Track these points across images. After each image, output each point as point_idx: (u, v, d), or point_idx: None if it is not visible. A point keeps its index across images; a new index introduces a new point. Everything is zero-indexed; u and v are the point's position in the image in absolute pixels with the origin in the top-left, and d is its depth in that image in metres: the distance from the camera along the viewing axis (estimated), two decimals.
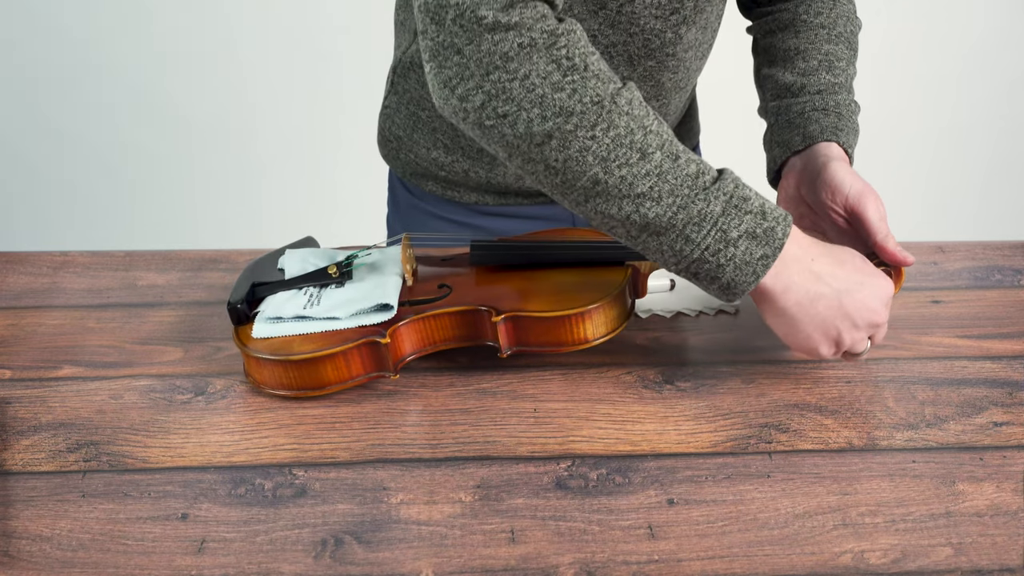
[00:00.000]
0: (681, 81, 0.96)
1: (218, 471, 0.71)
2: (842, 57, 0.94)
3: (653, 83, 0.93)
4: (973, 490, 0.69)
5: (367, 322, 0.78)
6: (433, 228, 1.11)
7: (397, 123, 1.05)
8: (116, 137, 2.35)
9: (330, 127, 2.33)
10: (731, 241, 0.69)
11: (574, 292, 0.79)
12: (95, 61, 2.26)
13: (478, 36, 0.65)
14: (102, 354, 0.85)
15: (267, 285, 0.84)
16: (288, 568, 0.63)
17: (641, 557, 0.63)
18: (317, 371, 0.77)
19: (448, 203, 1.07)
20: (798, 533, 0.65)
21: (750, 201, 0.70)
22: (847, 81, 0.93)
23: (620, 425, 0.76)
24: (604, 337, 0.79)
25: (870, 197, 0.81)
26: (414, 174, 1.08)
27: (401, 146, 1.06)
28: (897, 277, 0.82)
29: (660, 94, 0.95)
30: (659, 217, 0.68)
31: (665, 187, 0.68)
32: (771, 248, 0.70)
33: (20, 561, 0.63)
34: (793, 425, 0.76)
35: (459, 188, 1.05)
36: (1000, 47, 2.37)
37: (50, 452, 0.73)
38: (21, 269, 0.99)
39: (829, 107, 0.90)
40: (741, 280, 0.70)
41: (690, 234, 0.68)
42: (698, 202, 0.68)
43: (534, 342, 0.79)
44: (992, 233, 2.43)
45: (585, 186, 0.68)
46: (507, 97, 0.67)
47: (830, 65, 0.92)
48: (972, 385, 0.81)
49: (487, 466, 0.72)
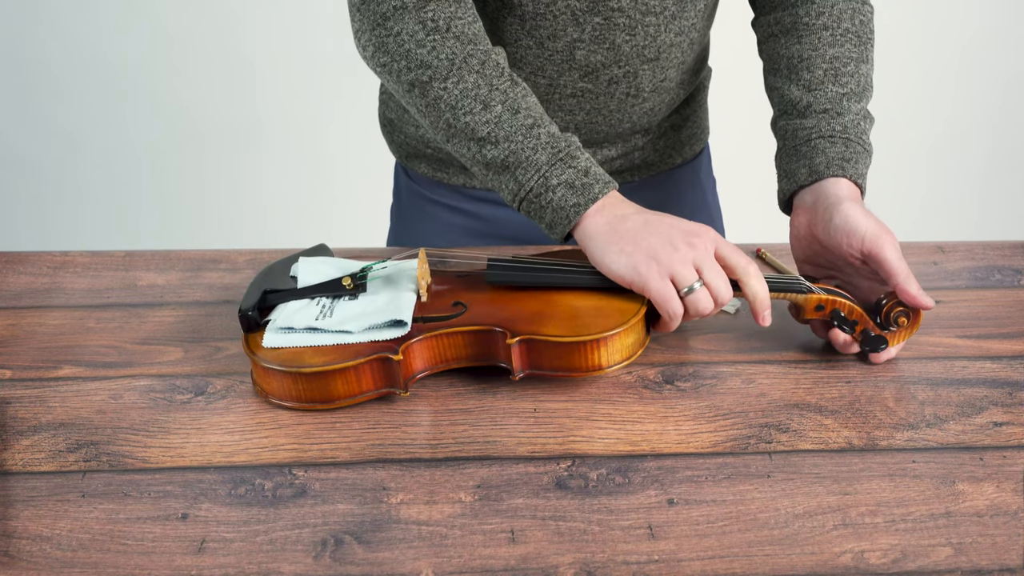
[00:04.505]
0: (647, 49, 0.95)
1: (218, 471, 0.71)
2: (849, 59, 0.91)
3: (608, 45, 0.93)
4: (973, 490, 0.69)
5: (380, 337, 0.77)
6: (429, 214, 1.13)
7: (391, 106, 1.11)
8: (116, 137, 2.36)
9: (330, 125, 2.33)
10: (551, 187, 0.80)
11: (590, 318, 0.78)
12: (95, 61, 2.26)
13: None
14: (102, 354, 0.85)
15: (279, 293, 0.82)
16: (288, 568, 0.63)
17: (641, 557, 0.63)
18: (327, 385, 0.75)
19: (439, 185, 1.10)
20: (798, 533, 0.65)
21: (578, 160, 0.81)
22: (857, 87, 0.91)
23: (620, 425, 0.76)
24: (618, 365, 0.78)
25: (886, 239, 0.80)
26: (408, 155, 1.11)
27: (395, 128, 1.11)
28: (915, 319, 0.81)
29: (620, 59, 0.95)
30: (495, 159, 0.81)
31: (501, 134, 0.80)
32: (584, 199, 0.79)
33: (20, 561, 0.63)
34: (793, 425, 0.76)
35: (446, 168, 1.08)
36: (1000, 46, 2.37)
37: (50, 452, 0.73)
38: (21, 269, 0.99)
39: (836, 132, 0.88)
40: (558, 222, 0.80)
41: (519, 176, 0.81)
42: (527, 150, 0.80)
43: (547, 366, 0.78)
44: (992, 233, 2.43)
45: (443, 128, 0.83)
46: (385, 50, 0.83)
47: (836, 74, 0.91)
48: (972, 385, 0.81)
49: (487, 466, 0.72)
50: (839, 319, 0.81)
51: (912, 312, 0.81)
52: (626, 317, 0.78)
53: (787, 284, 0.82)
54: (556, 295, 0.82)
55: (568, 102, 0.98)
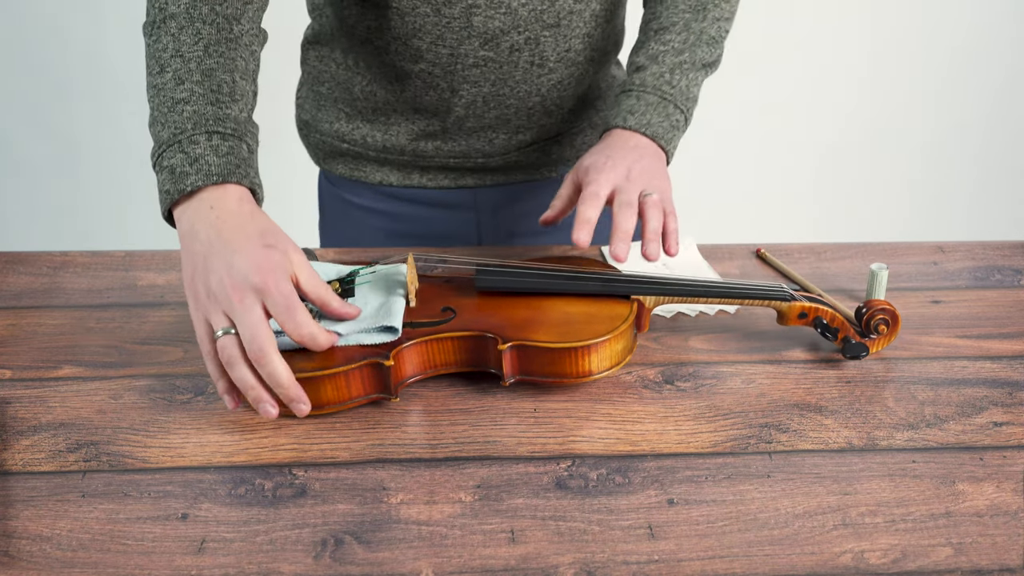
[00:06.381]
0: (545, 14, 0.95)
1: (218, 471, 0.71)
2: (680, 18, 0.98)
3: (504, 9, 0.93)
4: (973, 490, 0.69)
5: (369, 342, 0.77)
6: (351, 217, 1.14)
7: (305, 108, 1.13)
8: (116, 137, 2.36)
9: None
10: (162, 167, 0.77)
11: (580, 324, 0.79)
12: (95, 61, 2.26)
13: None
14: (102, 354, 0.85)
15: None
16: (288, 568, 0.63)
17: (641, 557, 0.63)
18: (316, 391, 0.75)
19: (357, 184, 1.12)
20: (798, 533, 0.65)
21: (197, 147, 0.76)
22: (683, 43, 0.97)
23: (620, 425, 0.76)
24: (607, 371, 0.78)
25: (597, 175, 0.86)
26: (326, 156, 1.13)
27: (310, 129, 1.13)
28: (894, 327, 0.83)
29: (519, 24, 0.95)
30: (150, 118, 0.80)
31: (155, 100, 0.80)
32: (175, 188, 0.76)
33: (20, 561, 0.63)
34: (793, 425, 0.76)
35: (364, 164, 1.10)
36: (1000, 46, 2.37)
37: (50, 452, 0.73)
38: (21, 269, 0.99)
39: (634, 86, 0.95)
40: (162, 201, 0.77)
41: (152, 142, 0.79)
42: (157, 124, 0.79)
43: (538, 372, 0.78)
44: (992, 233, 2.43)
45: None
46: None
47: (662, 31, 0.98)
48: (972, 385, 0.81)
49: (487, 466, 0.72)
50: (822, 326, 0.83)
51: (891, 320, 0.82)
52: (616, 324, 0.78)
53: (771, 292, 0.83)
54: (545, 301, 0.82)
55: (472, 72, 0.98)
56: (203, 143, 0.77)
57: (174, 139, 0.77)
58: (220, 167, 0.76)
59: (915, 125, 2.45)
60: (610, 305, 0.81)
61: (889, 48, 2.36)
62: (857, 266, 1.01)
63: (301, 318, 0.71)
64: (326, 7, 1.03)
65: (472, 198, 1.12)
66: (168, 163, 0.77)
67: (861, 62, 2.37)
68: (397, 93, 1.03)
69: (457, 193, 1.11)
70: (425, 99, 1.02)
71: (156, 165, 0.78)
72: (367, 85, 1.04)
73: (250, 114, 0.83)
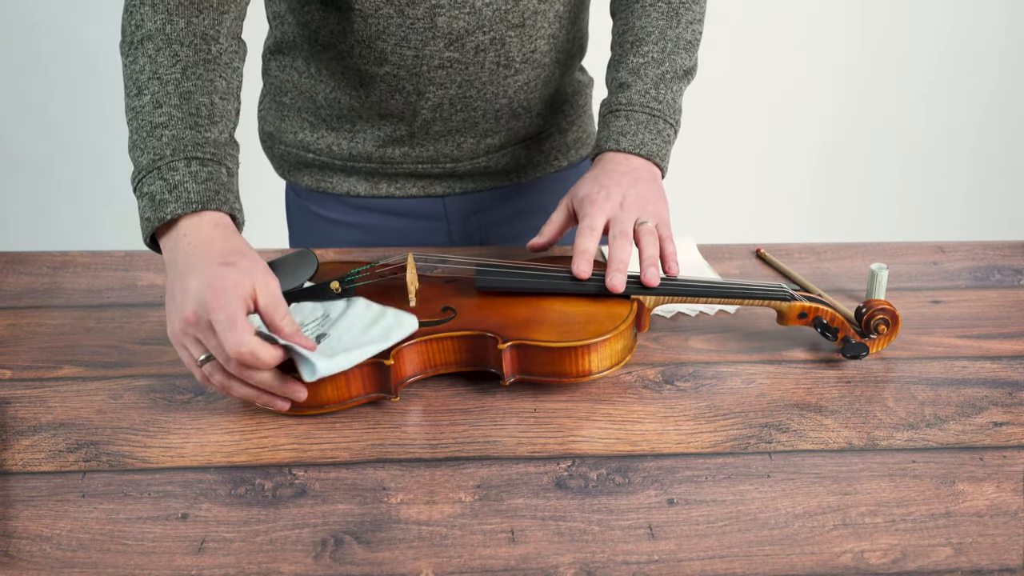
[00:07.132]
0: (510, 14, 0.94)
1: (218, 471, 0.71)
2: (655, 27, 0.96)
3: (468, 9, 0.93)
4: (973, 490, 0.69)
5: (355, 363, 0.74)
6: (319, 230, 1.13)
7: (268, 120, 1.12)
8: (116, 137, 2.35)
9: None
10: (142, 194, 0.77)
11: (580, 324, 0.79)
12: (95, 61, 2.26)
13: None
14: (102, 354, 0.85)
15: None
16: (288, 568, 0.63)
17: (641, 557, 0.63)
18: (316, 390, 0.75)
19: (324, 196, 1.10)
20: (798, 533, 0.65)
21: (176, 172, 0.77)
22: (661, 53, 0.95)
23: (620, 425, 0.76)
24: (607, 371, 0.79)
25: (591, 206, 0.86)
26: (291, 168, 1.12)
27: (274, 141, 1.12)
28: (894, 327, 0.83)
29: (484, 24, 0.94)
30: (129, 142, 0.81)
31: (134, 124, 0.80)
32: (155, 216, 0.76)
33: (20, 561, 0.63)
34: (793, 425, 0.76)
35: (330, 175, 1.09)
36: (1000, 46, 2.37)
37: (50, 452, 0.73)
38: (21, 269, 0.99)
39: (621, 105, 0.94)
40: (143, 228, 0.77)
41: (133, 167, 0.79)
42: (137, 149, 0.79)
43: (537, 371, 0.78)
44: (991, 233, 2.43)
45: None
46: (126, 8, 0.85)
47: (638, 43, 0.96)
48: (972, 385, 0.81)
49: (487, 466, 0.72)
50: (822, 326, 0.83)
51: (891, 320, 0.82)
52: (616, 323, 0.78)
53: (771, 292, 0.83)
54: (545, 301, 0.82)
55: (438, 74, 0.97)
56: (182, 169, 0.77)
57: (153, 165, 0.77)
58: (199, 194, 0.76)
59: (915, 125, 2.45)
60: (610, 305, 0.81)
61: (889, 48, 2.36)
62: (857, 266, 1.01)
63: (239, 337, 0.69)
64: (287, 13, 1.01)
65: (442, 207, 1.10)
66: (148, 189, 0.77)
67: (861, 62, 2.37)
68: (362, 99, 1.01)
69: (426, 202, 1.09)
70: (391, 103, 1.00)
71: (136, 191, 0.78)
72: (331, 92, 1.02)
73: (231, 134, 0.83)
